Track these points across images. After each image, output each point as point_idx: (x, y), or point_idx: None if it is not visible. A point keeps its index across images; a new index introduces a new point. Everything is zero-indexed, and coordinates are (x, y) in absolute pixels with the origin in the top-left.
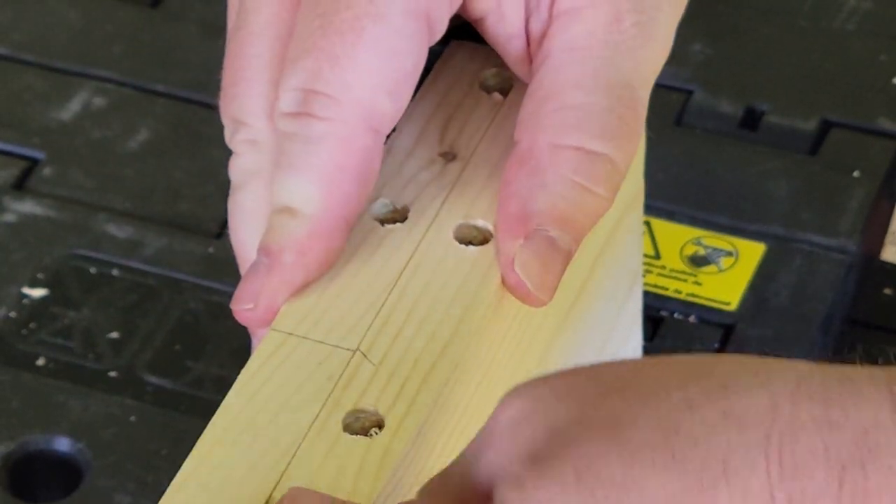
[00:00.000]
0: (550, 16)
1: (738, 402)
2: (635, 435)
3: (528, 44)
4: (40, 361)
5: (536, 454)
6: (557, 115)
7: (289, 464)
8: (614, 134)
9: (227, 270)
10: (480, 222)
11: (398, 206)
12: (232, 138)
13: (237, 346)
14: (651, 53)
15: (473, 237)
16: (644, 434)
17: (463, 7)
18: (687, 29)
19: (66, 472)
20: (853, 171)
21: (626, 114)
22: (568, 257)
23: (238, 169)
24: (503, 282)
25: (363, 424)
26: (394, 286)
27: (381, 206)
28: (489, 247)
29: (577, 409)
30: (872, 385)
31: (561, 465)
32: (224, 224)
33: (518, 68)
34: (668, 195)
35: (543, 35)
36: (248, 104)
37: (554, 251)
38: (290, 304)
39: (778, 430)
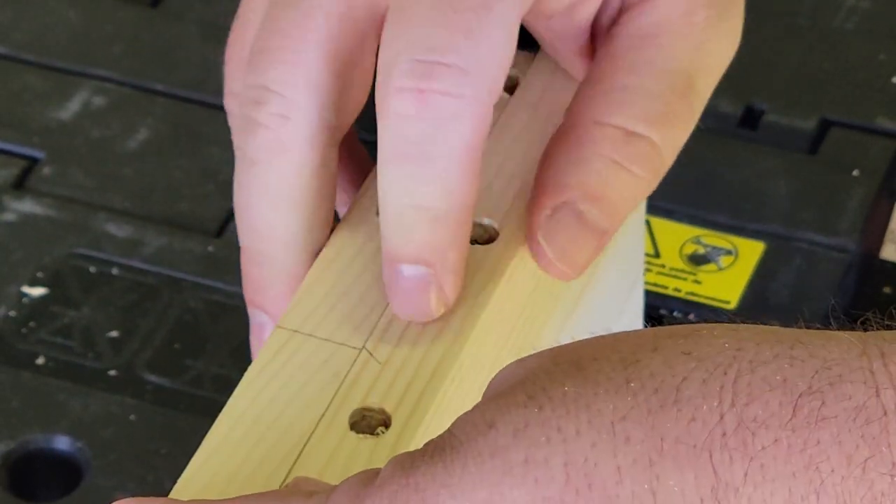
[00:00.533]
0: (622, 7)
1: (703, 344)
2: (594, 365)
3: (592, 37)
4: (40, 360)
5: (500, 393)
6: (605, 95)
7: (295, 462)
8: (659, 119)
9: (226, 269)
10: (486, 220)
11: None
12: (257, 109)
13: (237, 345)
14: (718, 47)
15: (479, 235)
16: (602, 365)
17: (537, 3)
18: None
19: (66, 471)
20: (852, 170)
21: (676, 101)
22: (599, 234)
23: (261, 142)
24: (529, 250)
25: (369, 423)
26: None
27: None
28: (494, 245)
29: (550, 358)
30: (846, 336)
31: (514, 391)
32: (224, 223)
33: (573, 62)
34: (667, 194)
35: (612, 25)
36: (291, 75)
37: (581, 225)
38: (295, 301)
39: (737, 365)
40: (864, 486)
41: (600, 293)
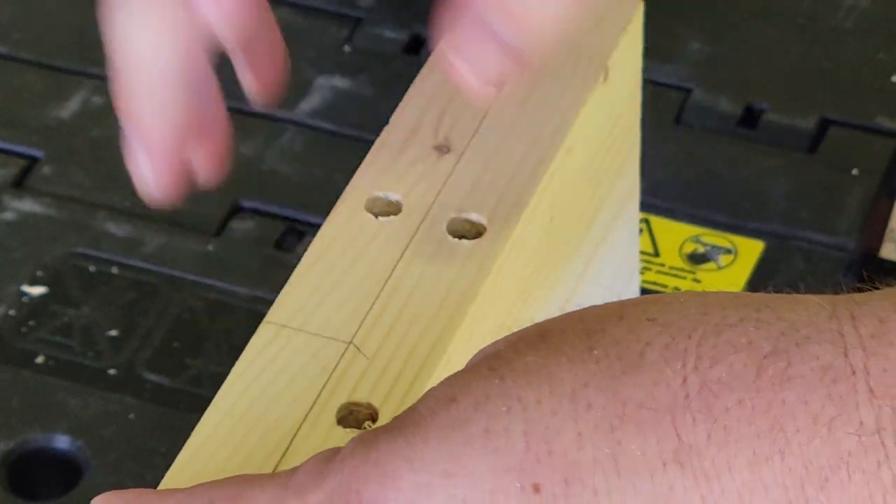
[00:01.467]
0: None
1: (669, 311)
2: (559, 336)
3: None
4: (40, 359)
5: (466, 368)
6: None
7: (282, 456)
8: None
9: (226, 269)
10: (474, 216)
11: (392, 199)
12: None
13: (236, 344)
14: None
15: (467, 231)
16: (567, 335)
17: None
18: (686, 27)
19: (66, 469)
20: (852, 169)
21: None
22: (512, 53)
23: None
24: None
25: (357, 418)
26: (387, 279)
27: (375, 199)
28: (483, 240)
29: (519, 333)
30: (816, 299)
31: (479, 365)
32: (223, 222)
33: None
34: (667, 193)
35: None
36: None
37: (492, 39)
38: (284, 296)
39: (703, 329)
40: (831, 446)
41: (594, 289)
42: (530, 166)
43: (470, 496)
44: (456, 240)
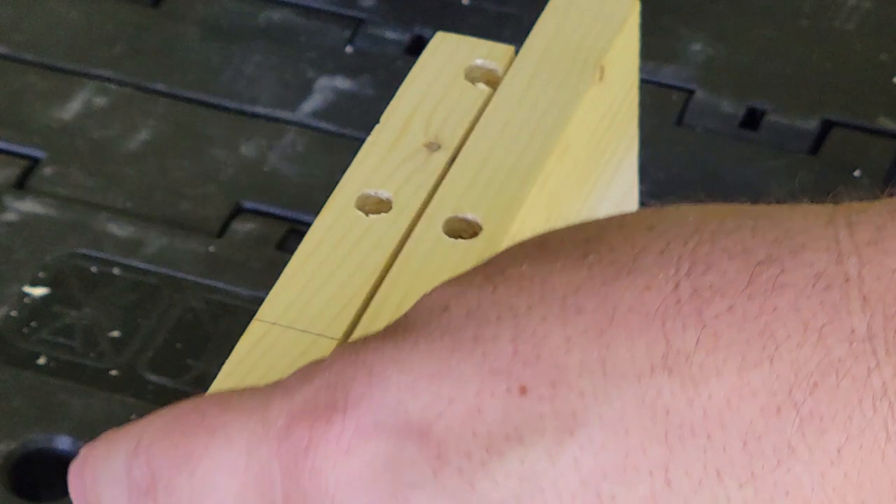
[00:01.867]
0: None
1: (668, 219)
2: (556, 245)
3: None
4: (41, 360)
5: (463, 273)
6: None
7: None
8: None
9: (227, 269)
10: (470, 215)
11: (382, 197)
12: None
13: None
14: None
15: (463, 230)
16: (565, 243)
17: None
18: (687, 28)
19: (68, 470)
20: (854, 170)
21: None
22: None
23: None
24: None
25: None
26: (379, 277)
27: (366, 196)
28: (478, 239)
29: (520, 242)
30: (815, 207)
31: (475, 272)
32: (225, 223)
33: None
34: (668, 194)
35: None
36: None
37: None
38: (273, 293)
39: (698, 236)
40: (821, 352)
41: None
42: (526, 165)
43: (456, 396)
44: (452, 239)
